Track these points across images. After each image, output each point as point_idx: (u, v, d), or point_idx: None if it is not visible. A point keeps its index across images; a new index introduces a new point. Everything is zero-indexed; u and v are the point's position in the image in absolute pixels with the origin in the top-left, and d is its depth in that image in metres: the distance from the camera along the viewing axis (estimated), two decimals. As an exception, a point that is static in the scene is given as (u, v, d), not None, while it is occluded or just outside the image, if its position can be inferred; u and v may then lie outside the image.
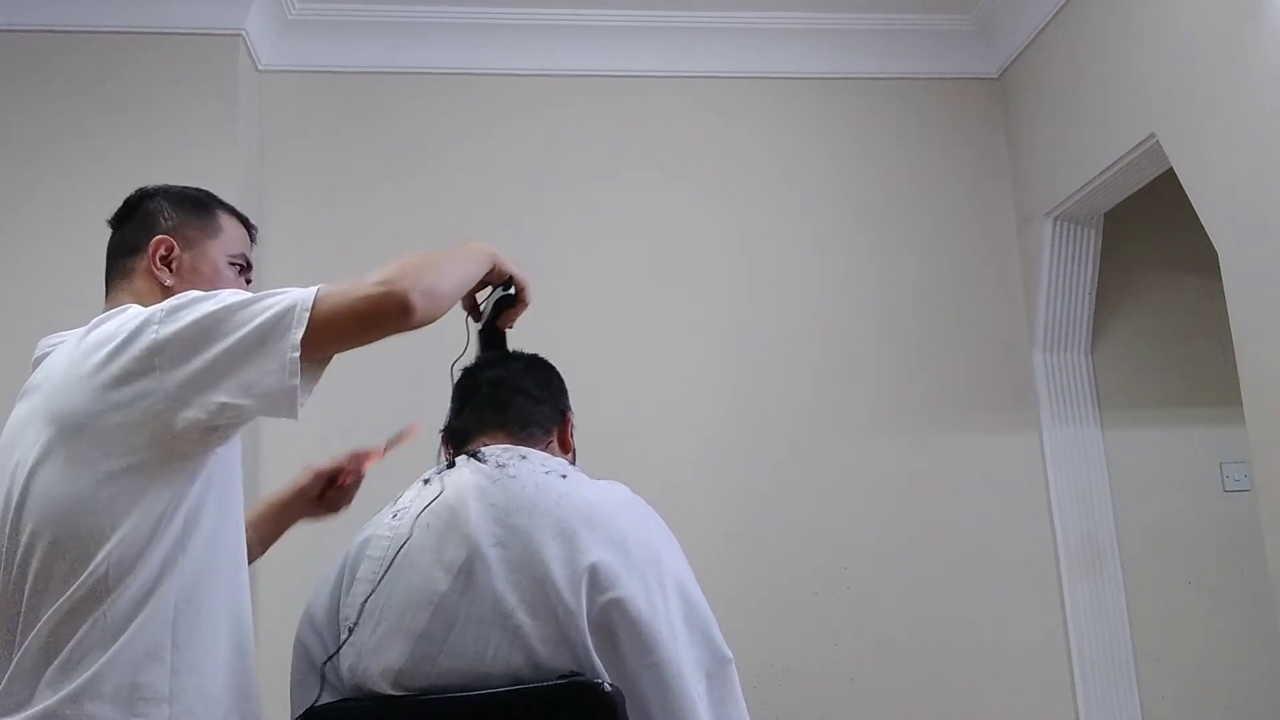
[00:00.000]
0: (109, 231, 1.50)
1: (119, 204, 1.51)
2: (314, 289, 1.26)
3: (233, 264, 1.49)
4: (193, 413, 1.23)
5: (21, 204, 2.85)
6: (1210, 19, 2.42)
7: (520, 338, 1.70)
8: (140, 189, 1.51)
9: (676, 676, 1.34)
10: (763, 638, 2.96)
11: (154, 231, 1.45)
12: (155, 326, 1.24)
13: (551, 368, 1.67)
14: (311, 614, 1.49)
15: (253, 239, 1.56)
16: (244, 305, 1.25)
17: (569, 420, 1.66)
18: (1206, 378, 3.25)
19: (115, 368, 1.25)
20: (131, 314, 1.29)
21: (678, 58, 3.31)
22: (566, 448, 1.64)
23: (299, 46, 3.17)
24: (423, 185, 3.17)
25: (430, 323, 1.31)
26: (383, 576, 1.42)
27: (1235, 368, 2.43)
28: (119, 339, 1.26)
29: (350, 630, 1.42)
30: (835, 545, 3.09)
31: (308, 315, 1.23)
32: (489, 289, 1.56)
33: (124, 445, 1.24)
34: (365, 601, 1.42)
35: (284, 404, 1.23)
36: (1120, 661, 3.11)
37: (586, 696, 1.29)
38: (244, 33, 2.99)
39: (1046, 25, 3.11)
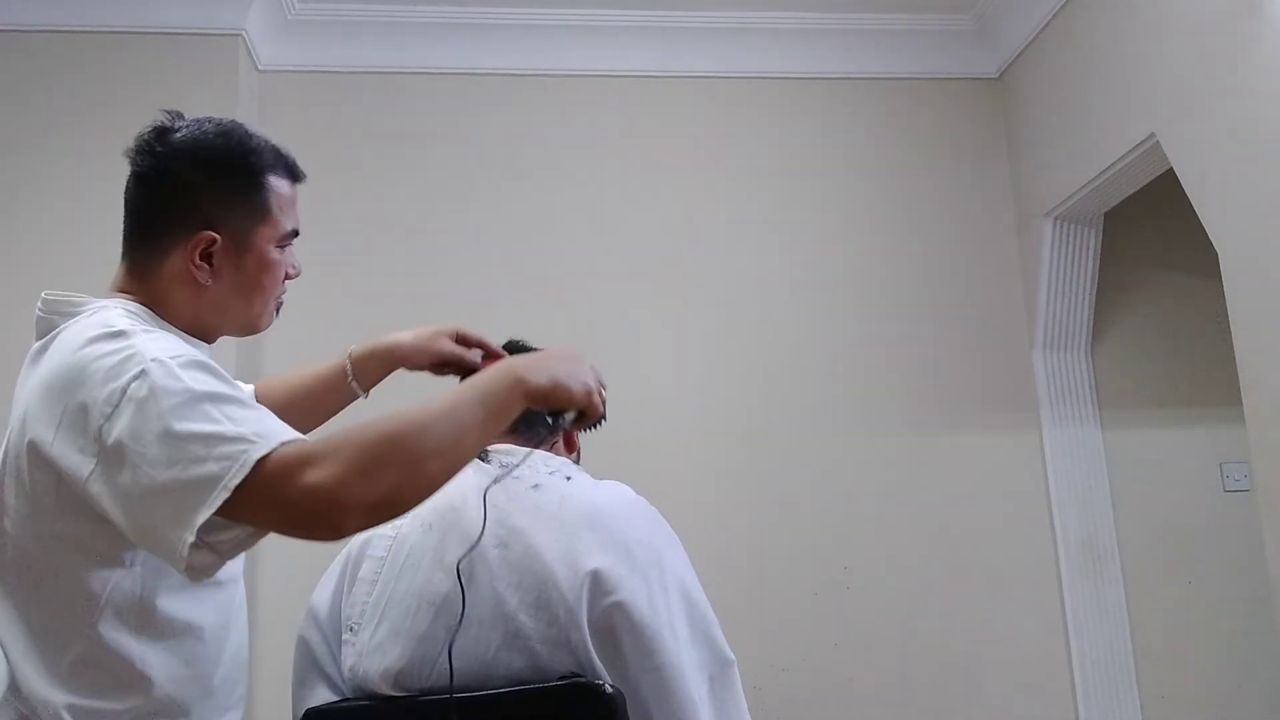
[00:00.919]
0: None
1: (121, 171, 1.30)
2: (256, 457, 1.04)
3: (280, 244, 1.31)
4: (99, 513, 1.11)
5: (22, 204, 2.85)
6: (1210, 19, 2.42)
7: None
8: (160, 129, 1.28)
9: (678, 679, 1.34)
10: (763, 638, 2.96)
11: (191, 217, 1.24)
12: (104, 420, 1.08)
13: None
14: (314, 613, 1.49)
15: (299, 181, 1.35)
16: (187, 441, 1.05)
17: (572, 420, 1.65)
18: (1206, 378, 3.25)
19: (61, 435, 1.12)
20: (93, 377, 1.12)
21: (678, 58, 3.31)
22: (571, 447, 1.64)
23: (299, 46, 3.17)
24: (423, 185, 3.17)
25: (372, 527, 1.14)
26: (384, 576, 1.42)
27: (1235, 368, 2.43)
28: (71, 410, 1.11)
29: (352, 630, 1.42)
30: (835, 545, 3.09)
31: (225, 497, 1.03)
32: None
33: (58, 510, 1.14)
34: (367, 601, 1.42)
35: (179, 568, 1.07)
36: (1120, 661, 3.11)
37: (587, 698, 1.29)
38: (244, 33, 2.99)
39: (1046, 25, 3.11)
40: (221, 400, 1.09)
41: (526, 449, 1.52)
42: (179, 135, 1.27)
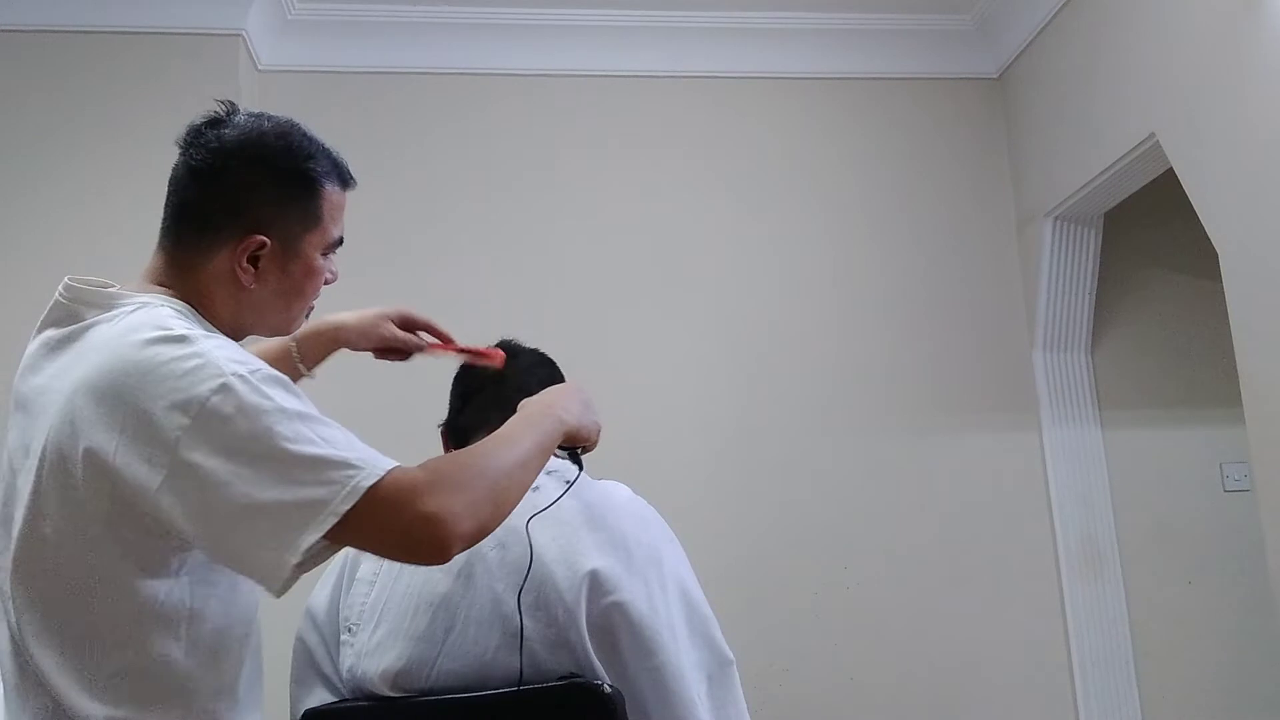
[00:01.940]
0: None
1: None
2: (366, 485, 1.04)
3: (325, 253, 1.30)
4: (161, 525, 1.07)
5: (22, 204, 2.85)
6: (1210, 19, 2.42)
7: (520, 336, 1.70)
8: (215, 120, 1.27)
9: (677, 678, 1.34)
10: (763, 638, 2.96)
11: (244, 219, 1.22)
12: (180, 433, 1.05)
13: (553, 364, 1.67)
14: (312, 613, 1.49)
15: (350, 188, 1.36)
16: (289, 461, 1.04)
17: (571, 420, 1.65)
18: (1206, 378, 3.24)
19: (122, 444, 1.07)
20: (160, 384, 1.07)
21: (678, 58, 3.31)
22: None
23: (299, 46, 3.17)
24: (423, 185, 3.17)
25: None
26: (382, 577, 1.42)
27: (1235, 368, 2.43)
28: (133, 418, 1.07)
29: (350, 631, 1.42)
30: (835, 545, 3.09)
31: (334, 521, 1.03)
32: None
33: (108, 522, 1.09)
34: (365, 602, 1.42)
35: (260, 582, 1.08)
36: (1120, 661, 3.11)
37: (586, 698, 1.29)
38: (244, 33, 2.99)
39: (1046, 25, 3.11)
40: (314, 421, 1.09)
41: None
42: (236, 131, 1.26)
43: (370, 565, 1.44)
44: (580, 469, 1.45)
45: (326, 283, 1.34)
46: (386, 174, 3.16)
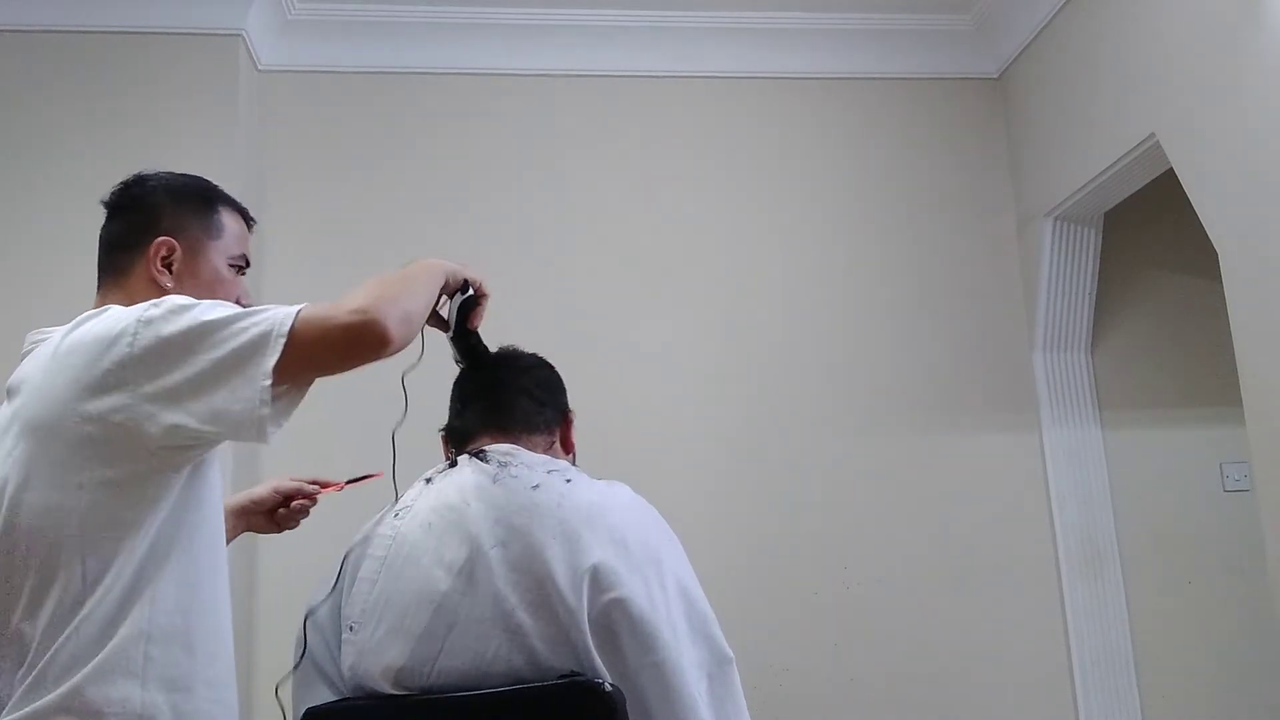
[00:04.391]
0: (100, 235, 1.48)
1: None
2: (293, 311, 1.24)
3: (232, 265, 1.47)
4: (161, 432, 1.21)
5: (21, 204, 2.85)
6: (1210, 19, 2.42)
7: (520, 337, 1.71)
8: (138, 174, 1.49)
9: (677, 676, 1.34)
10: (763, 638, 2.96)
11: (154, 230, 1.42)
12: (129, 339, 1.22)
13: (552, 368, 1.67)
14: (313, 612, 1.50)
15: (250, 230, 1.54)
16: (222, 325, 1.23)
17: (570, 420, 1.66)
18: (1206, 378, 3.24)
19: (88, 379, 1.23)
20: (108, 321, 1.26)
21: (678, 58, 3.31)
22: (568, 448, 1.64)
23: (299, 46, 3.17)
24: (423, 185, 3.17)
25: (403, 348, 1.31)
26: (384, 575, 1.42)
27: (1235, 368, 2.43)
28: (93, 350, 1.24)
29: (352, 629, 1.42)
30: (835, 545, 3.09)
31: (283, 342, 1.21)
32: (445, 299, 1.54)
33: (98, 457, 1.22)
34: (366, 600, 1.42)
35: (252, 431, 1.22)
36: (1120, 661, 3.11)
37: (587, 696, 1.29)
38: (244, 33, 2.99)
39: (1046, 25, 3.11)
40: (229, 303, 1.29)
41: (525, 449, 1.52)
42: (152, 179, 1.49)
43: (372, 565, 1.44)
44: (462, 315, 1.54)
45: (242, 304, 1.46)
46: (386, 174, 3.16)
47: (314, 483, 1.70)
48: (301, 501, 1.69)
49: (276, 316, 1.23)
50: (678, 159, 3.28)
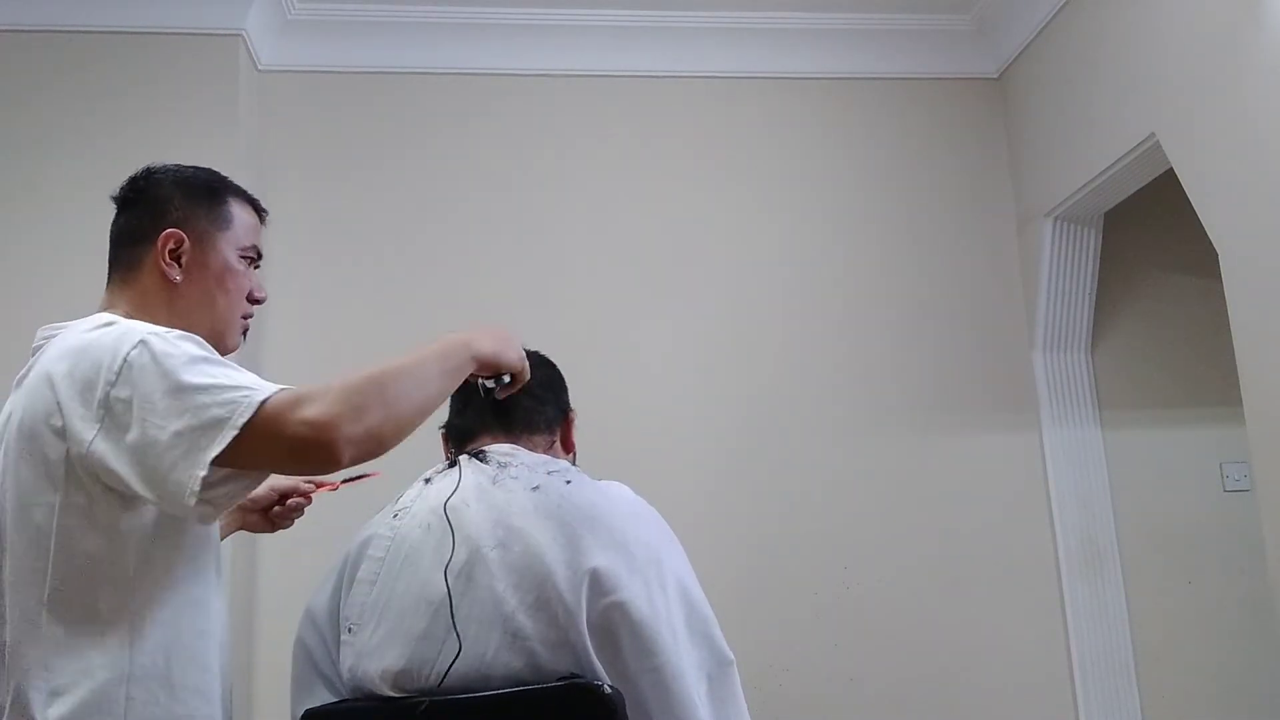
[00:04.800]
0: (110, 231, 1.47)
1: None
2: (260, 400, 1.18)
3: (243, 257, 1.46)
4: (108, 477, 1.21)
5: (21, 204, 2.85)
6: (1210, 19, 2.42)
7: (522, 337, 1.70)
8: (147, 168, 1.48)
9: (677, 678, 1.34)
10: (763, 638, 2.96)
11: (163, 222, 1.41)
12: (109, 387, 1.21)
13: (553, 366, 1.67)
14: (312, 613, 1.49)
15: (263, 222, 1.53)
16: (193, 391, 1.19)
17: (571, 420, 1.65)
18: (1206, 378, 3.24)
19: (69, 407, 1.23)
20: (99, 352, 1.24)
21: (678, 58, 3.31)
22: (569, 447, 1.64)
23: (299, 46, 3.17)
24: (423, 185, 3.17)
25: (377, 457, 1.23)
26: (383, 577, 1.42)
27: (1235, 368, 2.43)
28: (76, 379, 1.23)
29: (350, 631, 1.42)
30: (835, 545, 3.09)
31: (234, 435, 1.16)
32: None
33: (67, 478, 1.22)
34: (365, 602, 1.42)
35: (181, 512, 1.21)
36: (1120, 661, 3.11)
37: (586, 698, 1.29)
38: (244, 33, 2.99)
39: (1046, 25, 3.11)
40: (216, 362, 1.25)
41: (526, 449, 1.52)
42: (159, 172, 1.47)
43: (371, 566, 1.44)
44: (494, 396, 1.48)
45: (254, 300, 1.48)
46: (386, 174, 3.16)
47: (310, 480, 1.69)
48: (297, 499, 1.68)
49: (241, 403, 1.17)
50: (678, 159, 3.28)
